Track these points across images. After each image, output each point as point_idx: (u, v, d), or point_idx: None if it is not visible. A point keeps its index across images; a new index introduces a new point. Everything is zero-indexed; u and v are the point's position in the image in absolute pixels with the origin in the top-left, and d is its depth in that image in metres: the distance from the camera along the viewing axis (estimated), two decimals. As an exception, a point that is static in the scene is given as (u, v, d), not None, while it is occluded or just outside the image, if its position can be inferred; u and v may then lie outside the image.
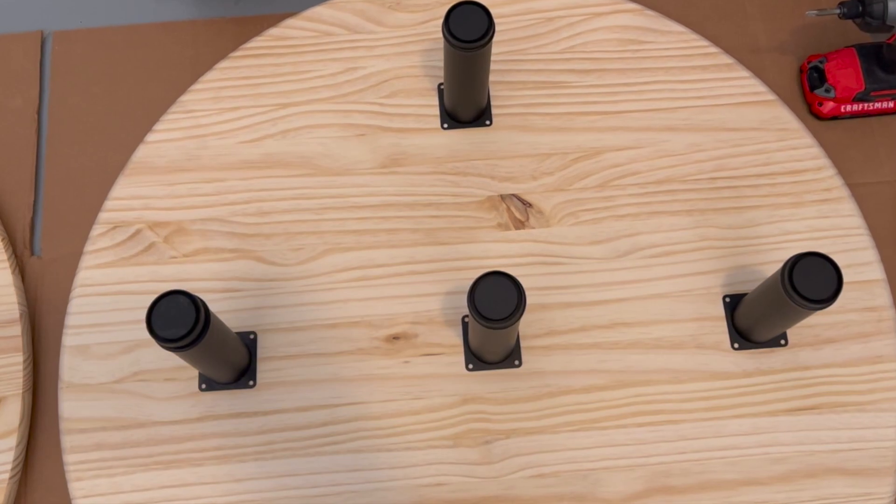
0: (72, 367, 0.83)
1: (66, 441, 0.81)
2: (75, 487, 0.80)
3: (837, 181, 0.89)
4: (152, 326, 0.67)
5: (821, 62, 1.03)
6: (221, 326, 0.74)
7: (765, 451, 0.80)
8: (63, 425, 0.82)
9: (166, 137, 0.91)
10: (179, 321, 0.67)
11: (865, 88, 1.00)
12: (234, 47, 0.95)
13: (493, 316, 0.69)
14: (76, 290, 0.86)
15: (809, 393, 0.82)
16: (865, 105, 1.02)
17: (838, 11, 0.96)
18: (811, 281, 0.69)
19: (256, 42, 0.95)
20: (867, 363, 0.83)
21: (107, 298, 0.85)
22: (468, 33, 0.76)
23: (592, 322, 0.84)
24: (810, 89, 1.03)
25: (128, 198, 0.89)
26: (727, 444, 0.80)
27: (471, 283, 0.70)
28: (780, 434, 0.81)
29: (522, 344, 0.83)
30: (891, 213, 1.03)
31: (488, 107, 0.91)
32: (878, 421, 0.81)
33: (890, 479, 0.80)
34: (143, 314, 0.82)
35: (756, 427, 0.81)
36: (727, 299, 0.85)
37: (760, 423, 0.81)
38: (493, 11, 0.93)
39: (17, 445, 0.87)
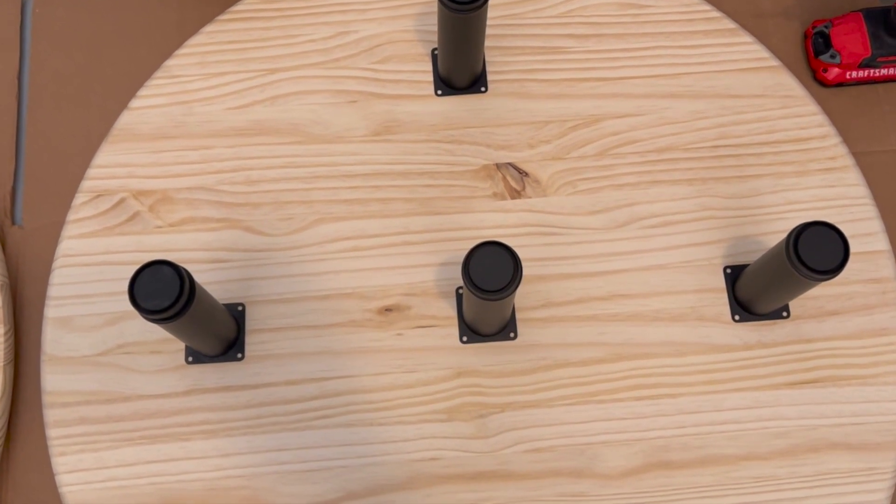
0: (54, 339, 0.81)
1: (49, 415, 0.79)
2: (59, 462, 0.78)
3: (842, 150, 0.87)
4: (135, 297, 0.65)
5: (826, 27, 1.00)
6: (208, 298, 0.72)
7: (766, 425, 0.79)
8: (46, 399, 0.80)
9: (151, 103, 0.89)
10: (163, 292, 0.65)
11: (872, 54, 0.98)
12: (221, 10, 0.93)
13: (489, 287, 0.67)
14: (59, 261, 0.84)
15: (812, 366, 0.81)
16: (872, 71, 0.99)
17: (845, -26, 0.94)
18: (817, 251, 0.68)
19: (244, 5, 0.92)
20: (871, 336, 0.81)
21: (90, 269, 0.83)
22: (463, -7, 0.73)
23: (590, 294, 0.82)
24: (815, 55, 1.00)
25: (111, 165, 0.86)
26: (727, 419, 0.79)
27: (465, 253, 0.68)
28: (781, 408, 0.79)
29: (518, 316, 0.81)
30: None
31: (483, 73, 0.89)
32: (882, 395, 0.80)
33: (893, 453, 0.78)
34: (127, 285, 0.80)
35: (757, 401, 0.79)
36: (728, 270, 0.83)
37: (761, 397, 0.80)
38: (489, -27, 0.90)
39: (-1, 420, 0.85)
